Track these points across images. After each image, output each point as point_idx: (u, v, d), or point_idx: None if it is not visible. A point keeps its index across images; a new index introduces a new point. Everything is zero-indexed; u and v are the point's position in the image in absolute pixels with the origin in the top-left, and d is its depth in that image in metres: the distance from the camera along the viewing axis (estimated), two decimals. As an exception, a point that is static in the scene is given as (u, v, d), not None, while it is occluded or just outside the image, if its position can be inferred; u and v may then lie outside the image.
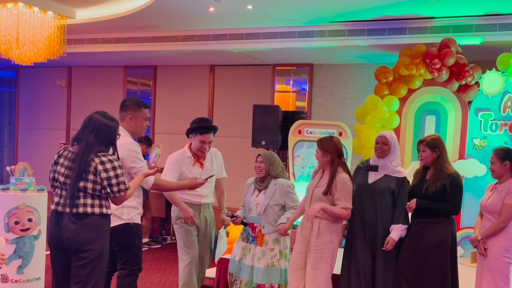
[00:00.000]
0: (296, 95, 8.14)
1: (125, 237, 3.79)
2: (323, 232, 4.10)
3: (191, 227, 4.46)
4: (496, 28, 5.92)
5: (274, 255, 4.36)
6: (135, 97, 4.12)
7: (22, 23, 5.94)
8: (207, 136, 4.45)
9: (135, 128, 3.93)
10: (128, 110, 3.90)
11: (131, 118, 3.90)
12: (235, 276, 4.49)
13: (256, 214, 4.43)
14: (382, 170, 4.22)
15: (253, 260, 4.39)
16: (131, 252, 3.84)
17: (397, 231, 4.10)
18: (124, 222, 3.79)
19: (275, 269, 4.34)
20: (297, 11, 6.14)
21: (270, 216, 4.36)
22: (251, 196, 4.50)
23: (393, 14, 6.09)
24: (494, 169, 4.16)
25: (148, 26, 7.17)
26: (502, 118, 6.02)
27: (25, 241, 4.84)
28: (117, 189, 3.30)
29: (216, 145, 8.48)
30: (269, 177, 4.43)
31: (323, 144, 4.15)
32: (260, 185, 4.46)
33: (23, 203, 4.85)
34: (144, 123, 3.96)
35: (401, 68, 6.24)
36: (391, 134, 4.28)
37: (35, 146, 9.81)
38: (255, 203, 4.44)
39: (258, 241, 4.40)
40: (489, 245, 4.06)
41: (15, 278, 4.85)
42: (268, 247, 4.36)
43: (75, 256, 3.27)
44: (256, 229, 4.43)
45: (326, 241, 4.10)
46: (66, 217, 3.26)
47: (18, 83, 10.05)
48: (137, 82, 9.20)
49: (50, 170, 3.42)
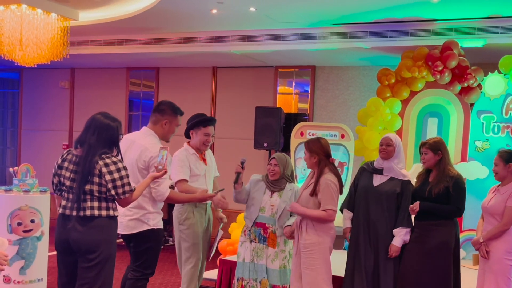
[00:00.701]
0: (298, 97, 8.15)
1: (147, 241, 3.81)
2: (310, 233, 4.07)
3: (199, 229, 4.41)
4: (498, 30, 5.92)
5: (284, 256, 4.36)
6: (171, 102, 4.08)
7: (26, 24, 5.96)
8: (210, 128, 4.45)
9: (167, 133, 3.99)
10: (166, 115, 3.95)
11: (166, 123, 3.94)
12: (248, 278, 4.37)
13: (270, 215, 4.36)
14: (387, 172, 4.21)
15: (267, 260, 4.35)
16: (147, 255, 3.84)
17: (399, 237, 4.09)
18: (150, 227, 3.81)
19: (287, 270, 4.35)
20: (299, 13, 6.15)
21: (283, 219, 4.34)
22: (263, 195, 4.40)
23: (395, 17, 6.09)
24: (498, 171, 4.15)
25: (151, 28, 7.19)
26: (504, 120, 6.02)
27: (27, 242, 4.84)
28: (122, 191, 3.29)
29: (218, 146, 8.56)
30: (283, 179, 4.40)
31: (310, 146, 4.15)
32: (275, 187, 4.39)
33: (26, 204, 4.86)
34: (175, 130, 4.03)
35: (404, 70, 6.24)
36: (395, 136, 4.29)
37: (38, 148, 9.83)
38: (270, 203, 4.37)
39: (269, 242, 4.34)
40: (491, 248, 4.06)
41: (17, 279, 4.86)
42: (280, 249, 4.34)
43: (82, 258, 3.28)
44: (268, 229, 4.36)
45: (314, 242, 4.06)
46: (73, 220, 3.27)
47: (21, 84, 10.08)
48: (139, 83, 9.22)
49: (54, 174, 3.42)
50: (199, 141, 4.45)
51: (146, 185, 3.58)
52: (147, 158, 3.76)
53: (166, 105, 3.98)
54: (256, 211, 4.38)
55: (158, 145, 3.84)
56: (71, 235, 3.26)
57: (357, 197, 4.29)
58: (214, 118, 4.58)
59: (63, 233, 3.30)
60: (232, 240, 6.21)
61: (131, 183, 3.37)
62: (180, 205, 4.45)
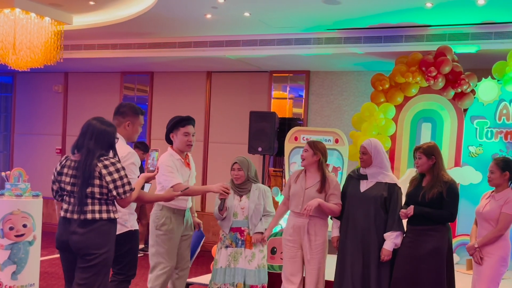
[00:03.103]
0: (292, 101, 8.16)
1: (127, 243, 3.82)
2: (320, 233, 4.29)
3: (176, 235, 4.37)
4: (491, 36, 5.95)
5: (263, 256, 4.54)
6: (131, 103, 4.14)
7: (19, 28, 5.95)
8: (189, 128, 4.41)
9: (131, 134, 4.02)
10: (127, 116, 3.98)
11: (128, 124, 3.97)
12: (224, 282, 4.47)
13: (243, 218, 4.52)
14: (372, 178, 4.24)
15: (244, 262, 4.48)
16: (129, 257, 3.86)
17: (390, 240, 4.11)
18: (128, 229, 3.84)
19: (264, 269, 4.53)
20: (294, 19, 6.17)
21: (256, 219, 4.51)
22: (233, 200, 4.53)
23: (389, 22, 6.12)
24: (494, 178, 4.13)
25: (145, 32, 7.19)
26: (498, 126, 6.05)
27: (19, 247, 4.81)
28: (123, 191, 3.35)
29: (213, 151, 8.55)
30: (248, 181, 4.56)
31: (315, 144, 4.37)
32: (241, 190, 4.55)
33: (18, 209, 4.83)
34: (139, 130, 4.06)
35: (397, 75, 6.26)
36: (369, 143, 4.29)
37: (31, 152, 9.78)
38: (240, 207, 4.52)
39: (247, 244, 4.51)
40: (486, 254, 4.05)
41: (9, 284, 4.82)
42: (257, 249, 4.52)
43: (81, 258, 3.33)
44: (244, 232, 4.52)
45: (324, 241, 4.32)
46: (74, 223, 3.32)
47: (15, 88, 10.04)
48: (133, 88, 9.21)
49: (53, 181, 3.46)
50: (180, 143, 4.40)
51: (140, 185, 3.64)
52: None
53: (127, 107, 4.02)
54: (230, 219, 4.53)
55: (125, 146, 3.88)
56: (72, 238, 3.31)
57: (345, 205, 4.31)
58: (191, 117, 4.50)
59: (64, 235, 3.36)
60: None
61: (130, 182, 3.42)
62: (158, 209, 4.39)
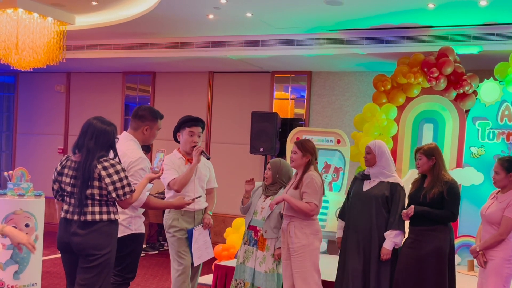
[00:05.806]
0: (294, 102, 8.16)
1: (129, 245, 3.80)
2: (298, 236, 4.13)
3: (183, 235, 4.37)
4: (493, 37, 5.95)
5: (274, 260, 4.38)
6: (150, 107, 4.04)
7: (22, 28, 5.96)
8: (196, 128, 4.39)
9: (148, 138, 3.93)
10: (146, 121, 3.87)
11: (146, 129, 3.88)
12: (239, 279, 4.48)
13: (261, 218, 4.43)
14: (375, 177, 4.26)
15: (255, 263, 4.41)
16: (129, 260, 3.83)
17: (389, 240, 4.12)
18: (132, 232, 3.81)
19: (275, 274, 4.38)
20: (296, 19, 6.17)
21: (272, 222, 4.38)
22: (258, 199, 4.49)
23: (391, 23, 6.12)
24: (498, 179, 4.05)
25: (148, 32, 7.20)
26: (500, 126, 6.04)
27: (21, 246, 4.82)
28: (122, 193, 3.33)
29: (214, 151, 8.55)
30: (276, 184, 4.46)
31: (304, 145, 4.20)
32: (268, 191, 4.49)
33: (20, 209, 4.84)
34: (156, 134, 3.97)
35: (399, 76, 6.26)
36: (374, 143, 4.30)
37: (33, 152, 9.80)
38: (261, 207, 4.45)
39: (259, 245, 4.42)
40: (488, 257, 3.99)
41: (11, 284, 4.84)
42: (269, 253, 4.38)
43: (83, 258, 3.32)
44: (258, 232, 4.44)
45: (304, 245, 4.12)
46: (75, 225, 3.31)
47: (17, 88, 10.05)
48: (136, 88, 9.22)
49: (54, 181, 3.45)
50: (185, 142, 4.39)
51: (143, 185, 3.61)
52: (125, 164, 3.75)
53: (146, 111, 3.91)
54: (250, 215, 4.49)
55: (137, 150, 3.82)
56: (73, 239, 3.31)
57: (349, 204, 4.33)
58: (200, 119, 4.47)
59: (65, 237, 3.35)
60: (227, 245, 6.19)
61: (131, 183, 3.40)
62: (167, 211, 4.44)
